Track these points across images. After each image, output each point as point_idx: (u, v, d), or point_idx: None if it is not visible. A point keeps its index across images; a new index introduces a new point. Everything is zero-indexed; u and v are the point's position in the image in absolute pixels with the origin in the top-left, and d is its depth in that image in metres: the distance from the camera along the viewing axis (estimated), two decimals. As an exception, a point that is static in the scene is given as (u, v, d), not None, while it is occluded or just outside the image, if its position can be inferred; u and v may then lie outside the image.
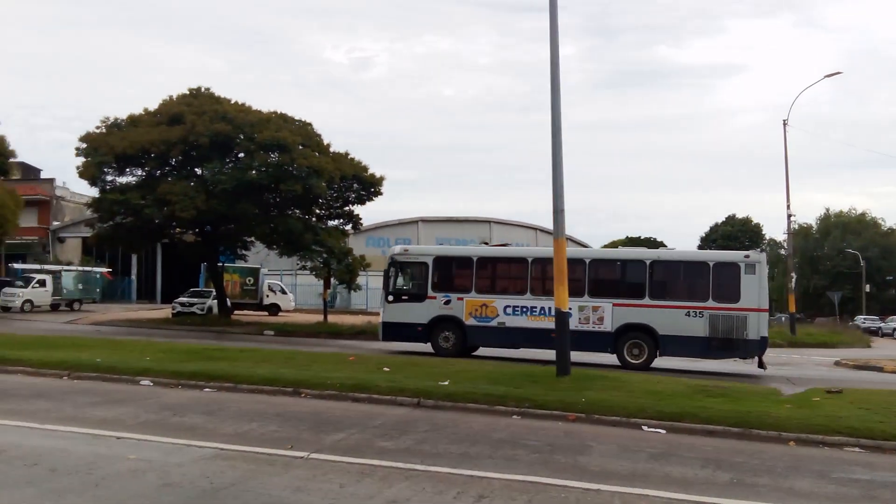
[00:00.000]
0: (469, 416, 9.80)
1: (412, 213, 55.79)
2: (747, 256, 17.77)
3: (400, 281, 20.28)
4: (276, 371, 12.36)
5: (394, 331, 19.95)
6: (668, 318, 17.63)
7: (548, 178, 12.54)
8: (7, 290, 33.33)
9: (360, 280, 31.04)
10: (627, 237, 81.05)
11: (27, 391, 10.61)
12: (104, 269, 41.43)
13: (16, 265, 38.16)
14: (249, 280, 36.16)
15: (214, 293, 31.66)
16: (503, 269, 20.11)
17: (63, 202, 49.34)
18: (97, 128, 27.60)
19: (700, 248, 66.40)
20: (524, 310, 18.72)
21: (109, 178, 27.76)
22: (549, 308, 15.78)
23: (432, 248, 22.58)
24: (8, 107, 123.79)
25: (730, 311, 17.16)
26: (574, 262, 16.97)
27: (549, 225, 13.83)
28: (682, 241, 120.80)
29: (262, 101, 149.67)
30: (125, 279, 46.40)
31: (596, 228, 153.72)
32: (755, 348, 17.24)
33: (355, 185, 29.50)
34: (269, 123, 26.76)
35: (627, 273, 18.99)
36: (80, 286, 36.42)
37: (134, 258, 45.59)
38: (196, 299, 32.62)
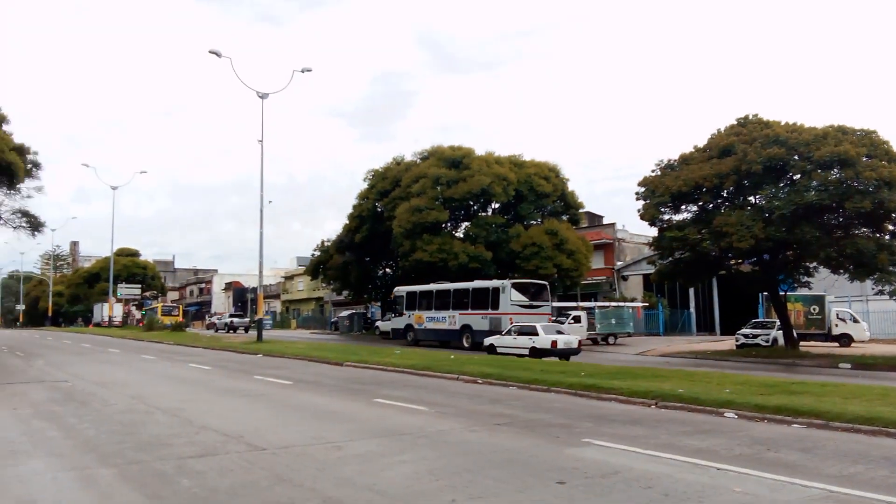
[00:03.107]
0: None
1: None
2: (503, 284, 32.06)
3: (397, 305, 38.31)
4: (872, 409, 11.10)
5: (395, 333, 38.28)
6: (476, 319, 32.36)
7: None
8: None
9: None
10: None
11: (623, 417, 11.71)
12: (637, 305, 43.52)
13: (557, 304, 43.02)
14: (814, 309, 33.62)
15: (777, 324, 30.52)
16: (428, 295, 35.98)
17: (623, 243, 54.03)
18: (652, 171, 29.62)
19: None
20: (433, 318, 35.15)
21: (666, 216, 29.36)
22: (443, 317, 34.52)
23: (406, 287, 38.46)
24: (571, 164, 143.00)
25: (496, 315, 31.31)
26: (445, 291, 35.07)
27: None
28: None
29: (815, 116, 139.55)
30: (684, 312, 47.88)
31: None
32: None
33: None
34: (825, 139, 24.85)
35: (463, 296, 33.85)
36: (614, 321, 38.62)
37: (691, 291, 46.66)
38: (759, 330, 31.89)
